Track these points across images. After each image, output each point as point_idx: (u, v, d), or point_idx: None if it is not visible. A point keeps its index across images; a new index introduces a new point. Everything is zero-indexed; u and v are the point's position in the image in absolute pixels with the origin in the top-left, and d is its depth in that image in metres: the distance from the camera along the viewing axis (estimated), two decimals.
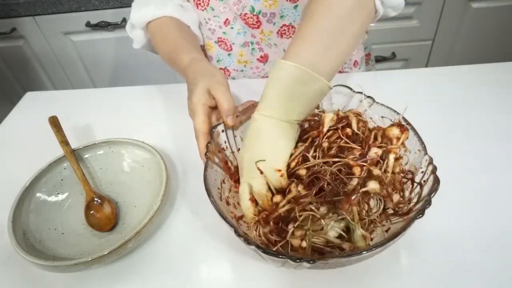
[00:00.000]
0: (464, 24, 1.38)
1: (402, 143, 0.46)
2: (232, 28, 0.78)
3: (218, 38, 0.80)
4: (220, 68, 0.86)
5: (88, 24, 1.35)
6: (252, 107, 0.57)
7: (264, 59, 0.83)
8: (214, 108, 0.56)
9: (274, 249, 0.43)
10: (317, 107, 0.54)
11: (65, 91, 0.94)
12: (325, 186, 0.43)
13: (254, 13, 0.75)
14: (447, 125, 0.66)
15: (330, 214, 0.43)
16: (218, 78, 0.57)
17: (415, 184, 0.46)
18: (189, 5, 0.78)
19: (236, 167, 0.53)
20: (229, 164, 0.53)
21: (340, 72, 0.89)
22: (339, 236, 0.43)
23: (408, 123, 0.49)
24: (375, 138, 0.47)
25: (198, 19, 0.79)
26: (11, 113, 0.83)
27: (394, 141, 0.46)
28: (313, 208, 0.43)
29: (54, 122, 0.66)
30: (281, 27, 0.77)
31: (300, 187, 0.44)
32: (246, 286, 0.48)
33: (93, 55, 1.48)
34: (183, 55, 0.64)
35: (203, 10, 0.77)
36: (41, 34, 1.41)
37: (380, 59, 1.46)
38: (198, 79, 0.56)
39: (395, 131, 0.46)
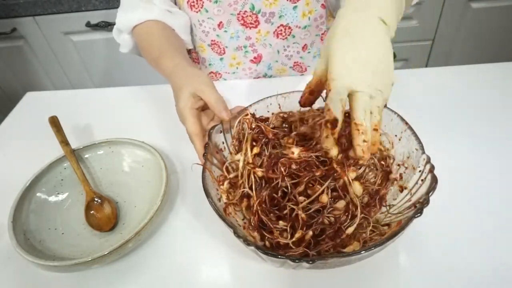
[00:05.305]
0: (464, 24, 1.38)
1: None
2: (225, 31, 0.78)
3: (212, 40, 0.81)
4: (212, 72, 0.87)
5: (88, 24, 1.35)
6: (243, 111, 0.58)
7: (257, 59, 0.83)
8: (203, 109, 0.57)
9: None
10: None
11: (65, 91, 0.94)
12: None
13: (254, 12, 0.75)
14: (447, 125, 0.66)
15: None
16: (202, 78, 0.57)
17: (414, 184, 0.46)
18: (178, 10, 0.78)
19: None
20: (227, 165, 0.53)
21: None
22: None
23: (406, 123, 0.50)
24: None
25: (191, 22, 0.79)
26: (11, 113, 0.84)
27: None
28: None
29: (54, 122, 0.66)
30: (278, 27, 0.77)
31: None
32: (245, 286, 0.49)
33: (93, 55, 1.49)
34: (167, 61, 0.64)
35: (197, 12, 0.76)
36: (41, 34, 1.41)
37: None
38: (182, 83, 0.57)
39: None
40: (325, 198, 0.42)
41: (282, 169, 0.43)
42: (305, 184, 0.43)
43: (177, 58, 0.65)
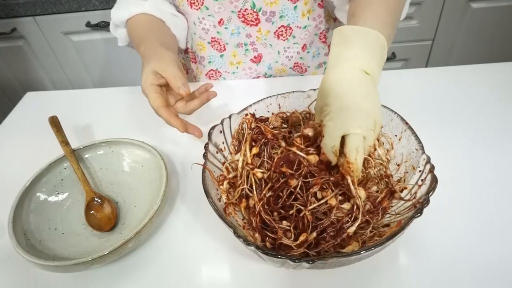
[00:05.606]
0: (464, 24, 1.38)
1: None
2: (226, 28, 0.79)
3: (212, 38, 0.81)
4: (211, 70, 0.87)
5: (88, 24, 1.35)
6: (205, 89, 0.61)
7: (257, 59, 0.83)
8: (167, 88, 0.60)
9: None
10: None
11: (65, 91, 0.94)
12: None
13: (255, 10, 0.75)
14: (447, 125, 0.66)
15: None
16: (164, 56, 0.60)
17: (414, 184, 0.46)
18: (176, 13, 0.79)
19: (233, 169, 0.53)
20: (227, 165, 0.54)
21: None
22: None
23: (406, 123, 0.50)
24: None
25: (191, 20, 0.79)
26: (11, 113, 0.84)
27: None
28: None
29: (54, 122, 0.66)
30: (279, 28, 0.77)
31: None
32: (245, 286, 0.49)
33: (93, 55, 1.49)
34: (142, 47, 0.66)
35: (197, 10, 0.77)
36: (41, 34, 1.41)
37: None
38: (146, 62, 0.60)
39: None
40: (333, 201, 0.42)
41: (300, 168, 0.44)
42: (319, 186, 0.43)
43: (152, 42, 0.67)
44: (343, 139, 0.43)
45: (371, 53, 0.46)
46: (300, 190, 0.43)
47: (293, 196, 0.44)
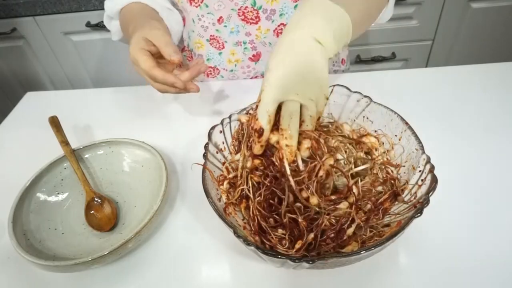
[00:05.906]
0: (464, 24, 1.38)
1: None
2: (225, 26, 0.79)
3: (211, 35, 0.81)
4: (210, 67, 0.87)
5: (88, 24, 1.35)
6: (196, 63, 0.60)
7: (256, 58, 0.83)
8: (158, 59, 0.59)
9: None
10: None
11: (65, 91, 0.94)
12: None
13: (255, 8, 0.75)
14: (447, 125, 0.66)
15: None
16: (154, 24, 0.59)
17: (414, 184, 0.46)
18: (174, 10, 0.79)
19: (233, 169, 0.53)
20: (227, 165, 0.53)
21: (334, 71, 0.90)
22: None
23: (406, 123, 0.50)
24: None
25: (190, 17, 0.79)
26: (11, 113, 0.84)
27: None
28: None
29: (54, 122, 0.66)
30: (279, 26, 0.78)
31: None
32: (245, 286, 0.49)
33: (93, 55, 1.49)
34: (131, 26, 0.65)
35: (196, 7, 0.77)
36: (41, 34, 1.41)
37: (380, 59, 1.46)
38: (135, 31, 0.59)
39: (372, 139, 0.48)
40: (314, 201, 0.41)
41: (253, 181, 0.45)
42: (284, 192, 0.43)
43: (141, 19, 0.65)
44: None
45: (329, 24, 0.45)
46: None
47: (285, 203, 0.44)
